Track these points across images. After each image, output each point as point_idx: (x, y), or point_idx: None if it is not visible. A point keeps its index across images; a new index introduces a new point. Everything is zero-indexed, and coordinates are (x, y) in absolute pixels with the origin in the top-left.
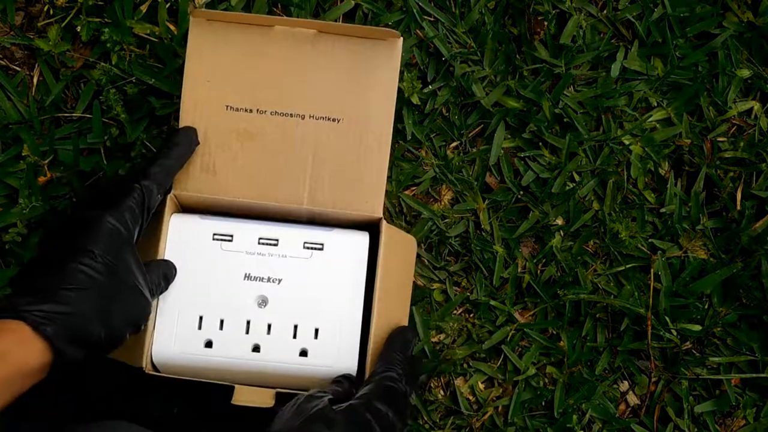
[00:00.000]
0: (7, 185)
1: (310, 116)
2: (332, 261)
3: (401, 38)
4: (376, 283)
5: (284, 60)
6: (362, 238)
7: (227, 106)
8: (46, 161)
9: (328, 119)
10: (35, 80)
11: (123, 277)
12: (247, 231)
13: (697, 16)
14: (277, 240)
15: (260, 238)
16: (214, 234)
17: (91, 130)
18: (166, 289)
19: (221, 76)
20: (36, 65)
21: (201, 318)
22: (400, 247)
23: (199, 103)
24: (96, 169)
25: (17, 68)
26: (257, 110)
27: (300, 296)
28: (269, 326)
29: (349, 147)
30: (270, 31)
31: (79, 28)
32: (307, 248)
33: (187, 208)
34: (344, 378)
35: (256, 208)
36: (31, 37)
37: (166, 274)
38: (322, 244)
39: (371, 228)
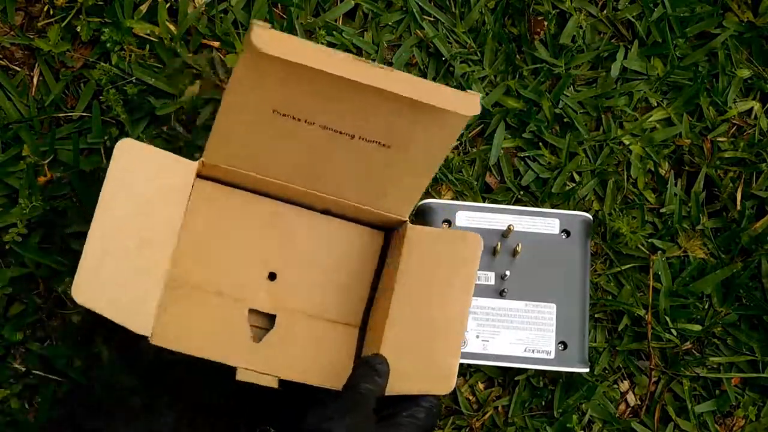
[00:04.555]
0: (7, 185)
1: (360, 137)
2: None
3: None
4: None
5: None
6: None
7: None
8: (46, 161)
9: (377, 143)
10: (35, 80)
11: None
12: None
13: (697, 16)
14: None
15: None
16: None
17: (91, 130)
18: None
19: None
20: (36, 65)
21: None
22: (440, 248)
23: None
24: (96, 168)
25: (17, 68)
26: (305, 121)
27: None
28: None
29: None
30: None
31: (79, 28)
32: None
33: (208, 176)
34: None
35: (273, 186)
36: (31, 37)
37: None
38: None
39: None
